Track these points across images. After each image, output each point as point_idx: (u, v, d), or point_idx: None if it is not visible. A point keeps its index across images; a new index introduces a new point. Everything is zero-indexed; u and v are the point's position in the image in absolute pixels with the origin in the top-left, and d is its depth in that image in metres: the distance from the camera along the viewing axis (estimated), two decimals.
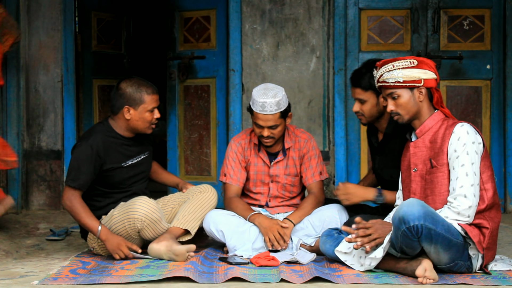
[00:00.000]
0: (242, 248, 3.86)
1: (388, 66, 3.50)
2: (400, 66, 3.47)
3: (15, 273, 3.55)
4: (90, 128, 4.10)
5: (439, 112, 3.52)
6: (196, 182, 5.71)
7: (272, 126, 3.98)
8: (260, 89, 4.00)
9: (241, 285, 3.29)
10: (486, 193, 3.41)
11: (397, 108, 3.50)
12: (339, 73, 5.42)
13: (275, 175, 4.14)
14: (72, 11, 5.64)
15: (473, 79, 5.46)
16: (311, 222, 4.00)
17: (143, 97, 3.90)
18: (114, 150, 3.94)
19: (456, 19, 5.45)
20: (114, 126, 3.97)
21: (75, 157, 3.87)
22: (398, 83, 3.46)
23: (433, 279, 3.26)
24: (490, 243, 3.44)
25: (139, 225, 3.79)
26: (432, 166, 3.44)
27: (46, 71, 5.58)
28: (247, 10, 5.43)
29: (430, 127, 3.49)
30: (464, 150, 3.36)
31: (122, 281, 3.32)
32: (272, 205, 4.18)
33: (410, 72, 3.45)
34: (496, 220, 3.46)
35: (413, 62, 3.46)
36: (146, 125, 3.95)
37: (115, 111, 3.97)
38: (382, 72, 3.52)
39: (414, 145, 3.52)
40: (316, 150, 4.17)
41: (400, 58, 3.50)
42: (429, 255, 3.32)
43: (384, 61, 3.54)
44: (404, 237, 3.24)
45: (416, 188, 3.50)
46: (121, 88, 3.93)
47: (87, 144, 3.87)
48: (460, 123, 3.43)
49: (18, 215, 5.35)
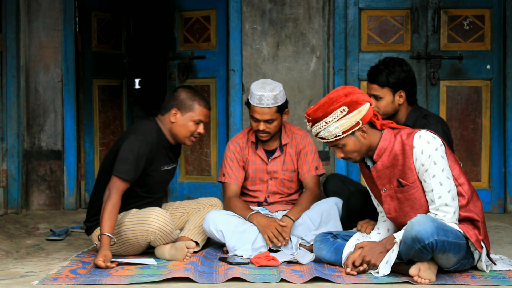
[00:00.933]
0: (242, 248, 3.87)
1: (320, 125, 3.32)
2: (334, 119, 3.30)
3: (15, 273, 3.55)
4: (140, 124, 3.98)
5: (387, 130, 3.43)
6: (196, 182, 5.77)
7: (268, 120, 4.02)
8: (259, 83, 4.07)
9: (241, 285, 3.29)
10: (462, 187, 3.40)
11: (347, 154, 3.40)
12: (339, 73, 5.42)
13: (273, 171, 4.18)
14: (72, 11, 5.65)
15: (473, 79, 5.46)
16: (309, 217, 4.03)
17: (194, 106, 3.90)
18: (161, 151, 3.93)
19: (456, 19, 5.45)
20: (162, 128, 3.95)
21: (131, 150, 3.78)
22: (338, 137, 3.34)
23: (429, 279, 3.26)
24: (485, 230, 3.46)
25: (152, 238, 3.79)
26: (402, 185, 3.39)
27: (46, 71, 5.59)
28: (247, 10, 5.43)
29: (385, 148, 3.40)
30: (431, 161, 3.31)
31: (122, 281, 3.32)
32: (271, 201, 4.21)
33: (345, 121, 3.31)
34: (479, 206, 3.45)
35: (344, 109, 3.29)
36: (187, 135, 3.93)
37: (163, 112, 3.95)
38: (316, 130, 3.36)
39: (375, 170, 3.43)
40: (312, 146, 4.21)
41: (329, 109, 3.29)
42: (438, 261, 3.31)
43: (313, 116, 3.32)
44: (419, 253, 3.23)
45: (390, 208, 3.46)
46: (178, 91, 3.96)
47: (144, 139, 3.82)
48: (417, 134, 3.34)
49: (18, 215, 5.35)
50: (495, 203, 5.40)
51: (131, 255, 3.89)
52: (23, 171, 5.53)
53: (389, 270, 3.35)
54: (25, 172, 5.56)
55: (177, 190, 5.81)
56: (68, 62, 5.61)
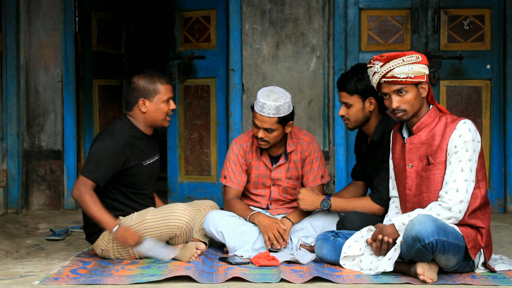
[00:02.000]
0: (242, 248, 3.86)
1: (398, 61, 3.39)
2: (410, 61, 3.39)
3: (15, 273, 3.55)
4: (111, 124, 3.95)
5: (435, 108, 3.49)
6: (196, 182, 5.77)
7: (268, 129, 3.95)
8: (265, 90, 3.99)
9: (241, 285, 3.29)
10: (480, 191, 3.42)
11: (403, 104, 3.42)
12: (339, 73, 5.42)
13: (277, 178, 4.13)
14: (72, 11, 5.64)
15: (473, 79, 5.46)
16: (311, 223, 4.00)
17: (158, 88, 3.85)
18: (137, 147, 3.87)
19: (456, 19, 5.45)
20: (134, 123, 3.90)
21: (97, 150, 3.75)
22: (410, 78, 3.39)
23: (431, 278, 3.27)
24: (488, 240, 3.46)
25: (178, 232, 3.76)
26: (429, 163, 3.43)
27: (46, 71, 5.59)
28: (247, 10, 5.43)
29: (427, 124, 3.46)
30: (464, 146, 3.35)
31: (123, 281, 3.32)
32: (273, 208, 4.18)
33: (418, 68, 3.39)
34: (487, 217, 3.47)
35: (419, 57, 3.40)
36: (163, 117, 3.88)
37: (129, 107, 3.89)
38: (390, 67, 3.40)
39: (410, 142, 3.48)
40: (318, 153, 4.15)
41: (405, 53, 3.42)
42: (438, 262, 3.32)
43: (388, 55, 3.43)
44: (419, 253, 3.24)
45: (412, 185, 3.49)
46: (134, 82, 3.87)
47: (113, 138, 3.77)
48: (462, 120, 3.40)
49: (18, 215, 5.35)
50: (495, 203, 5.40)
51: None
52: (23, 171, 5.53)
53: (392, 267, 3.35)
54: (25, 172, 5.56)
55: (177, 190, 5.81)
56: (68, 62, 5.61)
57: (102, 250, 3.84)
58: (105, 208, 3.71)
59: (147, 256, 3.77)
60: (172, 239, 3.81)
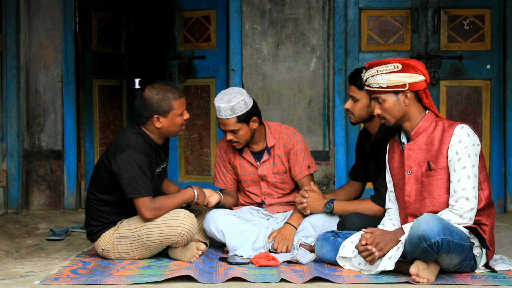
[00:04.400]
0: (242, 248, 3.87)
1: (372, 71, 3.45)
2: (384, 71, 3.41)
3: (15, 273, 3.55)
4: (124, 135, 3.83)
5: (431, 113, 3.49)
6: (196, 182, 5.76)
7: (232, 130, 3.97)
8: (220, 94, 4.00)
9: (241, 285, 3.29)
10: (483, 192, 3.43)
11: (383, 112, 3.46)
12: (339, 73, 5.42)
13: (264, 175, 4.15)
14: (72, 11, 5.64)
15: (473, 79, 5.46)
16: (311, 223, 4.00)
17: (172, 104, 3.79)
18: (152, 156, 3.85)
19: (456, 19, 5.45)
20: (148, 133, 3.85)
21: (134, 166, 3.69)
22: (382, 88, 3.42)
23: (427, 279, 3.27)
24: (491, 239, 3.46)
25: (179, 239, 3.75)
26: (430, 169, 3.43)
27: (46, 71, 5.58)
28: (247, 10, 5.44)
29: (425, 129, 3.46)
30: (466, 152, 3.35)
31: (123, 282, 3.32)
32: (269, 202, 4.19)
33: (393, 77, 3.40)
34: (492, 217, 3.48)
35: (397, 66, 3.40)
36: (178, 129, 3.87)
37: (143, 121, 3.82)
38: (366, 76, 3.48)
39: (409, 148, 3.48)
40: (301, 144, 4.13)
41: (386, 61, 3.43)
42: (441, 261, 3.31)
43: (371, 63, 3.48)
44: (424, 252, 3.23)
45: (411, 191, 3.49)
46: (147, 98, 3.78)
47: (137, 150, 3.73)
48: (460, 125, 3.41)
49: (18, 215, 5.35)
50: (495, 203, 5.40)
51: (144, 258, 3.84)
52: (23, 171, 5.53)
53: (393, 266, 3.35)
54: (25, 172, 5.56)
55: None
56: (68, 62, 5.61)
57: (103, 249, 3.84)
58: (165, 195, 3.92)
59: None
60: (174, 244, 3.82)
